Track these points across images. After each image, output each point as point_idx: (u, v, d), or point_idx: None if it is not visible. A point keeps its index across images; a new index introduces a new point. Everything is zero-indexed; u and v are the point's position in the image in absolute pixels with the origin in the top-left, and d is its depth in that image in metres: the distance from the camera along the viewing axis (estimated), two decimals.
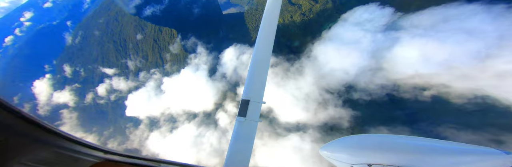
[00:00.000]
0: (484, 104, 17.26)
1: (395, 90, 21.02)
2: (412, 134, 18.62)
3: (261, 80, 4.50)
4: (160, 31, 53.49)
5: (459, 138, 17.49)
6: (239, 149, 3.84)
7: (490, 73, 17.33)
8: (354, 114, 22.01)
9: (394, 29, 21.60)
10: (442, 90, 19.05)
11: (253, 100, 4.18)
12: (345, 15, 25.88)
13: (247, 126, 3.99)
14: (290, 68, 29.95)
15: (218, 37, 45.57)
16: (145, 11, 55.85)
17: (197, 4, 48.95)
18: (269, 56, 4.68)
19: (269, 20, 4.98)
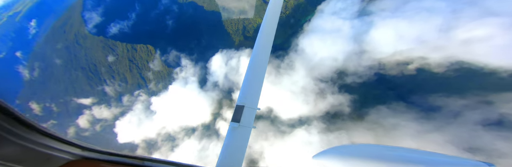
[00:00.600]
0: (462, 69, 21.35)
1: (381, 68, 25.28)
2: (409, 109, 22.26)
3: (257, 86, 4.94)
4: (134, 49, 54.02)
5: (450, 105, 20.91)
6: (231, 155, 4.15)
7: (456, 42, 21.82)
8: (352, 98, 25.67)
9: (366, 14, 26.64)
10: (422, 62, 23.51)
11: (248, 106, 4.57)
12: (320, 7, 30.79)
13: (240, 132, 4.36)
14: (280, 64, 33.81)
15: (201, 47, 48.60)
16: (110, 30, 56.92)
17: (170, 15, 51.29)
18: (266, 63, 5.23)
19: (268, 28, 5.65)
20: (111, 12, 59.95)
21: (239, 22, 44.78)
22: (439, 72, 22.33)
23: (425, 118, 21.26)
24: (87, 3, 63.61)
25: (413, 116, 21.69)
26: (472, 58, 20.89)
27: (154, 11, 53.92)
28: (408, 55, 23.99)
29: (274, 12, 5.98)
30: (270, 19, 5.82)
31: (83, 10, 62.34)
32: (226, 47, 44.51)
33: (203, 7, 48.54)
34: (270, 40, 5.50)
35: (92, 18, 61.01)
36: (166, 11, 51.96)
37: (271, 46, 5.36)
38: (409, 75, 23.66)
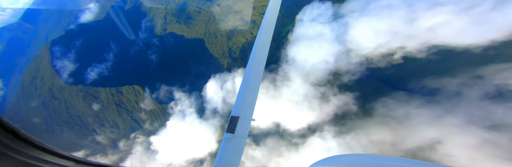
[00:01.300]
0: (439, 51, 26.08)
1: (370, 63, 29.88)
2: (411, 96, 26.00)
3: (252, 97, 5.48)
4: (120, 92, 56.69)
5: (447, 85, 24.73)
6: (225, 166, 4.52)
7: (422, 29, 27.43)
8: (354, 95, 29.37)
9: (340, 17, 32.87)
10: (404, 51, 28.65)
11: (242, 117, 5.05)
12: (298, 16, 37.12)
13: (235, 143, 4.80)
14: (276, 77, 38.31)
15: (191, 76, 52.81)
16: (88, 76, 58.85)
17: (152, 50, 55.65)
18: (261, 74, 5.89)
19: (262, 41, 6.34)
20: (85, 57, 63.58)
21: (224, 45, 50.37)
22: (422, 57, 27.03)
23: (431, 102, 24.72)
24: (54, 51, 66.59)
25: (419, 102, 25.19)
26: (442, 41, 26.09)
27: (133, 48, 57.93)
28: (389, 47, 29.21)
29: (270, 24, 6.72)
30: (265, 32, 6.58)
31: (52, 60, 64.86)
32: (217, 72, 48.34)
33: (184, 36, 54.32)
34: (265, 51, 6.19)
35: (65, 66, 62.84)
36: (147, 46, 56.15)
37: (266, 57, 6.07)
38: (398, 65, 28.35)
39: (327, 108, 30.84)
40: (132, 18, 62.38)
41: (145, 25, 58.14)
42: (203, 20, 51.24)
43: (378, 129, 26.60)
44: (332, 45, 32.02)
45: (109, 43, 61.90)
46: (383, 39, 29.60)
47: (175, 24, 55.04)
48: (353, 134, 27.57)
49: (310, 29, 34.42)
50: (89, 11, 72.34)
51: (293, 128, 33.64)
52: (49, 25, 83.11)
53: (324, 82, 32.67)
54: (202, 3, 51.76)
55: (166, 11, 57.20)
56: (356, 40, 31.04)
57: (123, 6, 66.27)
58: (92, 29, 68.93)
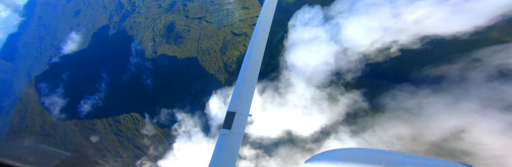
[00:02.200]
0: (432, 41, 27.78)
1: (369, 58, 31.15)
2: (418, 87, 27.02)
3: (248, 93, 5.68)
4: (118, 122, 55.80)
5: (449, 72, 25.90)
6: (221, 162, 4.59)
7: (410, 22, 29.30)
8: (361, 92, 30.26)
9: (331, 18, 34.94)
10: (398, 44, 30.64)
11: (239, 112, 5.24)
12: (291, 22, 39.06)
13: (231, 139, 4.93)
14: (279, 85, 39.49)
15: (191, 96, 52.94)
16: (82, 109, 57.89)
17: (146, 74, 55.56)
18: (258, 71, 6.11)
19: (259, 36, 6.50)
20: (75, 89, 62.99)
21: (218, 60, 51.33)
22: (417, 48, 28.71)
23: (438, 90, 25.62)
24: (40, 87, 66.10)
25: (426, 91, 26.11)
26: (430, 31, 27.96)
27: (126, 75, 57.78)
28: (383, 42, 30.80)
29: (267, 18, 6.76)
30: (262, 27, 6.58)
31: (40, 97, 64.15)
32: (217, 88, 48.60)
33: (176, 57, 55.08)
34: (262, 46, 6.28)
35: (55, 102, 62.00)
36: (140, 71, 56.17)
37: (263, 53, 6.18)
38: (396, 57, 29.77)
39: (337, 108, 31.70)
40: (119, 43, 63.13)
41: (135, 49, 58.85)
42: (193, 38, 52.61)
43: (394, 123, 27.10)
44: (329, 46, 33.67)
45: (99, 72, 61.51)
46: (376, 35, 31.31)
47: (165, 45, 55.85)
48: (370, 131, 28.18)
49: (305, 33, 36.27)
50: (71, 40, 72.42)
51: (305, 133, 33.71)
52: (30, 61, 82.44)
53: (328, 83, 33.74)
54: (190, 21, 53.50)
55: (154, 32, 58.53)
56: (351, 39, 32.79)
57: (106, 32, 67.34)
58: (78, 60, 68.72)
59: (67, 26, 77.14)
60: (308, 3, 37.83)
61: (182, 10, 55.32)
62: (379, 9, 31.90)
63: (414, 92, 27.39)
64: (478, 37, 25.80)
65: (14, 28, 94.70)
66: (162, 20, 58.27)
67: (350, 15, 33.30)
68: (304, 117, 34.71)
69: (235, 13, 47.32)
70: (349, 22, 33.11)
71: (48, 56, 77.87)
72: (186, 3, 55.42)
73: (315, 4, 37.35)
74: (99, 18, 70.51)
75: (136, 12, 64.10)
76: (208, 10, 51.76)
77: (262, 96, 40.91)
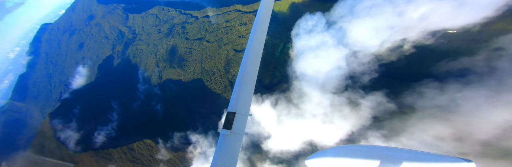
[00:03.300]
0: (444, 35, 25.15)
1: (381, 59, 27.85)
2: (444, 82, 23.45)
3: (248, 92, 5.10)
4: (132, 150, 51.72)
5: (474, 63, 22.82)
6: (223, 163, 4.18)
7: (415, 19, 26.67)
8: (384, 93, 26.25)
9: (334, 23, 32.04)
10: (410, 41, 27.60)
11: (239, 112, 4.72)
12: (293, 32, 35.99)
13: (232, 139, 4.45)
14: (291, 96, 35.66)
15: (202, 117, 49.27)
16: (96, 140, 54.33)
17: (155, 100, 52.19)
18: (257, 70, 5.49)
19: (257, 35, 5.89)
20: (88, 122, 59.15)
21: (223, 79, 48.04)
22: (431, 43, 25.73)
23: (470, 83, 22.17)
24: (54, 123, 62.10)
25: (457, 86, 22.60)
26: (439, 26, 25.32)
27: (135, 103, 54.50)
28: (393, 40, 27.79)
29: (264, 16, 6.29)
30: (260, 25, 6.08)
31: (55, 133, 60.65)
32: (226, 106, 45.04)
33: (182, 80, 52.13)
34: (261, 45, 5.75)
35: (70, 136, 58.53)
36: (149, 98, 52.96)
37: (261, 52, 5.69)
38: (411, 54, 26.62)
39: (361, 113, 27.58)
40: (125, 72, 60.13)
41: (143, 77, 55.53)
42: (196, 59, 49.44)
43: (430, 123, 23.08)
44: (338, 50, 30.37)
45: (110, 103, 58.12)
46: (384, 35, 28.36)
47: (170, 70, 52.79)
48: (406, 134, 23.88)
49: (311, 40, 33.08)
50: (79, 75, 70.24)
51: (329, 142, 29.50)
52: (41, 99, 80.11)
53: (344, 88, 29.99)
54: (191, 43, 50.54)
55: (156, 58, 55.48)
56: (359, 41, 29.61)
57: (111, 62, 64.60)
58: (88, 93, 66.26)
59: (73, 60, 74.41)
60: (308, 10, 34.96)
61: (182, 33, 52.62)
62: (381, 10, 29.15)
63: (441, 88, 23.64)
64: (490, 27, 23.37)
65: (23, 68, 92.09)
66: (163, 45, 55.39)
67: (353, 18, 30.41)
68: (326, 125, 30.52)
69: (234, 30, 44.47)
70: (353, 25, 30.14)
71: (58, 93, 75.49)
72: (185, 25, 52.84)
73: (315, 11, 34.42)
74: (103, 49, 67.79)
75: (137, 40, 61.46)
76: (207, 30, 49.02)
77: (275, 109, 36.96)
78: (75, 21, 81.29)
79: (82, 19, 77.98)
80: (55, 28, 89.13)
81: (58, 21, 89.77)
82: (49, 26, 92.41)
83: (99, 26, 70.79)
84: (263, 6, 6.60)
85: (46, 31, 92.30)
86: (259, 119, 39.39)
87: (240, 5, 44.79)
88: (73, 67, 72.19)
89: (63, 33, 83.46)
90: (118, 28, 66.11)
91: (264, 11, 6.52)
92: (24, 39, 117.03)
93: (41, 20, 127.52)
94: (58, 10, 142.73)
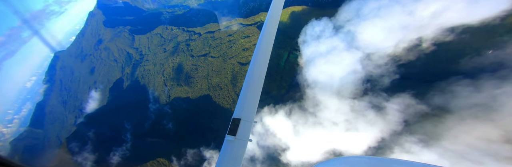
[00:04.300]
0: (465, 30, 22.00)
1: (399, 59, 24.42)
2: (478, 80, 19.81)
3: (253, 99, 4.80)
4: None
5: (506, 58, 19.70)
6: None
7: (427, 17, 23.91)
8: (410, 94, 22.53)
9: (342, 27, 28.96)
10: (428, 39, 24.24)
11: (244, 119, 4.44)
12: (300, 39, 32.74)
13: (236, 145, 4.20)
14: (306, 105, 31.79)
15: (213, 132, 45.58)
16: (111, 161, 51.25)
17: (166, 119, 48.97)
18: (263, 76, 5.12)
19: (264, 42, 5.56)
20: (103, 144, 56.11)
21: (231, 93, 44.46)
22: (452, 39, 22.45)
23: (505, 78, 18.80)
24: (72, 147, 59.29)
25: (494, 81, 18.99)
26: (456, 21, 22.34)
27: (147, 123, 51.12)
28: (409, 40, 24.44)
29: (272, 25, 5.77)
30: (267, 33, 5.59)
31: (73, 156, 57.37)
32: None
33: (190, 97, 48.59)
34: (268, 52, 5.32)
35: (87, 158, 55.75)
36: (160, 117, 49.96)
37: (268, 59, 5.20)
38: (432, 52, 23.11)
39: (389, 117, 23.47)
40: (135, 94, 56.93)
41: (153, 96, 52.07)
42: (202, 75, 46.09)
43: (472, 124, 18.96)
44: (351, 54, 26.94)
45: (123, 124, 54.72)
46: (398, 35, 25.17)
47: (177, 88, 49.49)
48: (449, 137, 19.64)
49: (321, 46, 29.81)
50: (92, 99, 67.44)
51: (356, 151, 25.17)
52: (57, 125, 77.66)
53: (363, 92, 26.24)
54: (196, 59, 47.40)
55: (164, 77, 52.23)
56: (371, 44, 26.33)
57: (121, 85, 61.63)
58: (101, 116, 63.55)
59: (86, 85, 71.59)
60: (314, 16, 31.86)
61: (187, 50, 49.74)
62: (390, 10, 26.14)
63: (475, 85, 19.86)
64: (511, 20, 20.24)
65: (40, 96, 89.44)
66: (169, 63, 52.34)
67: (360, 21, 27.37)
68: (350, 133, 26.34)
69: (237, 43, 41.42)
70: (363, 28, 27.08)
71: (73, 118, 72.74)
72: (189, 42, 50.11)
73: (321, 16, 31.35)
74: (113, 72, 65.19)
75: (144, 60, 58.77)
76: (210, 45, 46.06)
77: (291, 119, 32.95)
78: (86, 46, 79.84)
79: (91, 44, 76.60)
80: (68, 55, 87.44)
81: (70, 48, 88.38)
82: (62, 53, 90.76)
83: (108, 49, 68.63)
84: (272, 12, 6.06)
85: (59, 58, 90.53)
86: (274, 131, 35.38)
87: (241, 18, 42.19)
88: (86, 92, 69.30)
89: (75, 59, 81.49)
90: (126, 51, 63.80)
91: (272, 18, 5.98)
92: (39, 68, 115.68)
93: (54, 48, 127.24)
94: (69, 36, 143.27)
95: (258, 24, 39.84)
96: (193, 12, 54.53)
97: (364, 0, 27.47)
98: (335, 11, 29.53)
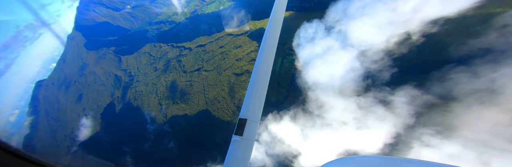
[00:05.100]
0: (447, 22, 23.39)
1: (392, 53, 25.10)
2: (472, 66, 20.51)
3: (259, 100, 4.82)
4: None
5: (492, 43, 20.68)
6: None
7: (409, 12, 25.29)
8: (412, 85, 22.94)
9: (333, 27, 29.81)
10: (414, 32, 25.26)
11: (250, 119, 4.48)
12: (294, 43, 33.21)
13: (243, 145, 4.24)
14: (309, 108, 31.50)
15: (219, 145, 44.17)
16: None
17: (167, 138, 46.58)
18: (268, 77, 5.17)
19: (268, 43, 5.59)
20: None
21: (230, 105, 43.49)
22: (437, 31, 23.70)
23: (497, 61, 19.57)
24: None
25: (488, 66, 19.71)
26: (436, 14, 23.81)
27: (147, 144, 48.62)
28: (398, 34, 25.47)
29: (276, 25, 5.82)
30: (271, 33, 5.62)
31: None
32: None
33: (187, 114, 47.29)
34: (272, 53, 5.34)
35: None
36: (160, 137, 47.96)
37: (273, 59, 5.24)
38: (423, 44, 23.95)
39: (398, 110, 23.57)
40: (129, 116, 54.54)
41: (150, 117, 50.04)
42: (198, 91, 45.08)
43: (480, 110, 19.12)
44: (346, 52, 27.51)
45: (122, 147, 51.84)
46: (387, 31, 26.06)
47: (174, 106, 47.78)
48: (466, 126, 19.48)
49: (316, 47, 30.21)
50: (84, 127, 63.96)
51: (372, 149, 24.42)
52: (50, 156, 71.95)
53: (366, 88, 26.48)
54: (190, 75, 46.50)
55: (158, 97, 50.65)
56: (364, 41, 27.02)
57: (113, 109, 59.18)
58: (97, 143, 59.81)
59: (74, 113, 67.89)
60: (305, 19, 32.71)
61: (179, 67, 48.79)
62: (375, 8, 27.38)
63: (472, 70, 20.49)
64: (485, 10, 22.26)
65: (27, 129, 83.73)
66: (162, 82, 50.98)
67: (349, 20, 28.18)
68: (362, 131, 26.01)
69: (230, 54, 41.34)
70: (353, 26, 27.87)
71: (65, 147, 68.12)
72: (180, 58, 49.25)
73: (312, 19, 32.22)
74: (102, 97, 62.15)
75: (135, 82, 56.75)
76: (203, 59, 45.52)
77: (297, 124, 32.46)
78: (69, 73, 76.17)
79: (75, 70, 73.02)
80: (50, 83, 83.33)
81: (52, 76, 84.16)
82: (44, 82, 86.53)
83: (94, 74, 66.21)
84: (275, 12, 5.97)
85: (41, 88, 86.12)
86: (282, 138, 34.60)
87: (231, 29, 42.48)
88: (75, 120, 65.65)
89: (59, 88, 77.71)
90: (113, 73, 61.76)
91: (275, 18, 5.88)
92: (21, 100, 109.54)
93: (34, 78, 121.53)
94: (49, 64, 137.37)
95: (248, 33, 40.21)
96: (181, 27, 54.19)
97: (348, 0, 28.61)
98: (323, 13, 30.58)
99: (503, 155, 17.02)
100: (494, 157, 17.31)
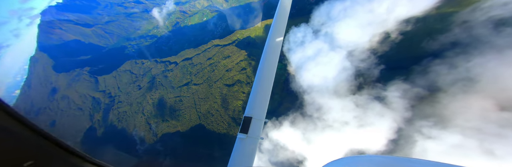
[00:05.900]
0: (418, 20, 26.40)
1: (376, 52, 27.52)
2: (446, 58, 23.10)
3: (264, 98, 4.96)
4: None
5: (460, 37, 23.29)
6: (239, 166, 4.10)
7: (383, 13, 28.21)
8: (400, 80, 25.02)
9: (319, 30, 32.24)
10: (393, 29, 27.52)
11: (255, 117, 4.64)
12: (285, 48, 34.60)
13: (248, 143, 4.39)
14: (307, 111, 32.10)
15: (219, 159, 43.04)
16: None
17: (161, 157, 44.49)
18: (273, 75, 5.31)
19: (273, 40, 5.69)
20: None
21: (224, 117, 43.06)
22: (412, 29, 26.77)
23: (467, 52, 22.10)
24: None
25: (461, 57, 22.16)
26: (406, 14, 26.95)
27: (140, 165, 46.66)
28: (379, 33, 28.02)
29: (281, 22, 6.01)
30: (276, 31, 5.80)
31: None
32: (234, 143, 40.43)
33: (180, 131, 45.65)
34: (277, 50, 5.51)
35: None
36: (153, 156, 45.70)
37: (278, 57, 5.44)
38: (402, 41, 26.59)
39: (394, 105, 25.48)
40: (113, 139, 51.52)
41: (139, 138, 47.42)
42: (189, 106, 44.12)
43: (465, 98, 21.19)
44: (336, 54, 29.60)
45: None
46: (369, 31, 28.57)
47: (163, 124, 45.81)
48: (458, 115, 20.84)
49: (307, 51, 31.95)
50: None
51: (377, 147, 25.19)
52: None
53: (359, 86, 28.37)
54: (178, 90, 45.68)
55: (145, 116, 48.73)
56: (350, 41, 29.31)
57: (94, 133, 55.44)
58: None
59: None
60: (293, 24, 34.88)
61: (165, 83, 47.54)
62: (354, 10, 30.15)
63: (448, 62, 23.11)
64: (443, 9, 25.57)
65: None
66: (148, 100, 49.09)
67: (333, 23, 30.68)
68: (365, 129, 27.25)
69: (219, 65, 41.79)
70: (338, 28, 30.26)
71: None
72: (166, 74, 48.13)
73: (299, 23, 34.49)
74: (79, 122, 57.37)
75: (116, 103, 53.65)
76: (191, 73, 45.05)
77: (298, 128, 33.28)
78: (36, 99, 68.95)
79: (43, 95, 65.92)
80: None
81: (16, 105, 76.41)
82: None
83: (67, 98, 61.68)
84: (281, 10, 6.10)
85: None
86: (284, 144, 34.87)
87: (217, 39, 43.30)
88: None
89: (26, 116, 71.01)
90: (91, 95, 58.16)
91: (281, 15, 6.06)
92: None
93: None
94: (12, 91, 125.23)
95: (236, 43, 41.28)
96: (162, 41, 53.44)
97: (330, 4, 31.38)
98: (308, 17, 33.16)
99: (501, 141, 18.37)
100: (494, 144, 18.54)
